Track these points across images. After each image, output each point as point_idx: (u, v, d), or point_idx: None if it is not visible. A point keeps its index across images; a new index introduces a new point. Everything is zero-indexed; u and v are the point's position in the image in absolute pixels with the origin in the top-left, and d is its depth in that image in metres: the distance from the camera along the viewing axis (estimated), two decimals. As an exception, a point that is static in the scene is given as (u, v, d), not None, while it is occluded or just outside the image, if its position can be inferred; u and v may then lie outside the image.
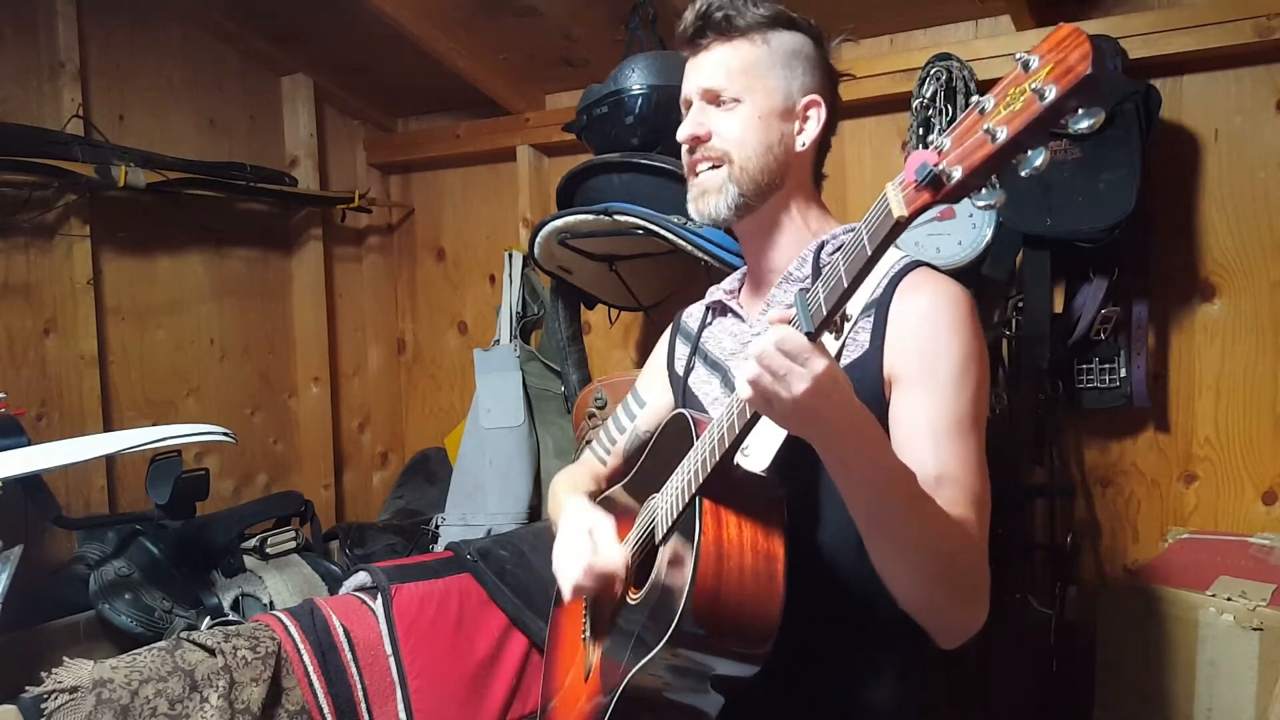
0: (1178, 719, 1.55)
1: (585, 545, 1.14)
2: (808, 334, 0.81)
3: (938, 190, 0.71)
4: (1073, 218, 1.73)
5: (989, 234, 1.82)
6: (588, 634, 1.23)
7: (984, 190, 0.71)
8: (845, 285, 0.79)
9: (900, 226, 0.74)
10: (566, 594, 1.13)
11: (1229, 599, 1.50)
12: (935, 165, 0.71)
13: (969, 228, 1.84)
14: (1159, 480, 1.99)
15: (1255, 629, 1.46)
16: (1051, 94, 0.64)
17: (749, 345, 0.85)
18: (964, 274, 1.83)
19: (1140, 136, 1.70)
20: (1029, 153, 0.67)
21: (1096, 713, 1.66)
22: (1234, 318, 1.90)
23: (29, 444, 1.71)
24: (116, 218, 2.31)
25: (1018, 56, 0.67)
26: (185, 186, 2.34)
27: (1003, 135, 0.67)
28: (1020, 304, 1.89)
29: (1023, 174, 0.68)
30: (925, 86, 1.93)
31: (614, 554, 1.13)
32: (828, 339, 0.84)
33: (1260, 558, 1.69)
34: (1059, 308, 1.89)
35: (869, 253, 0.77)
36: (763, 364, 0.81)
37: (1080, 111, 0.64)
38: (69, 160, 2.09)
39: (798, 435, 0.88)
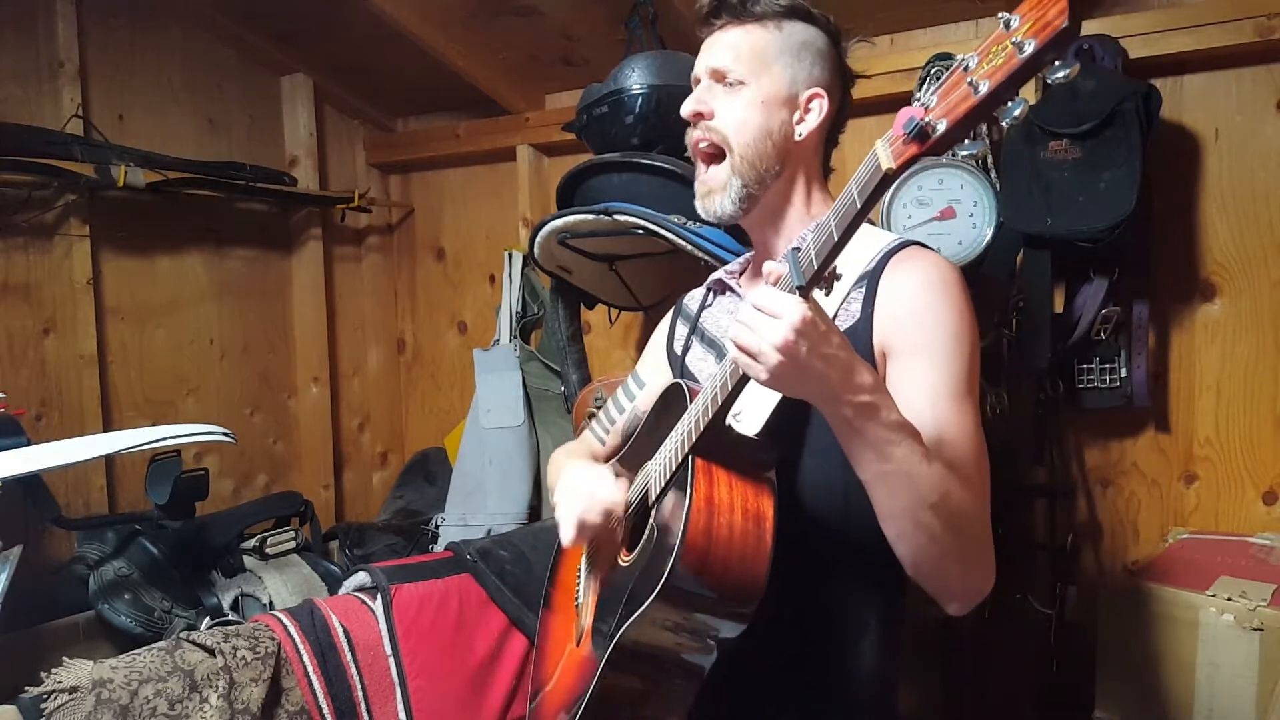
0: (1178, 719, 1.55)
1: (586, 483, 1.16)
2: (799, 288, 0.83)
3: (924, 142, 0.75)
4: (1073, 218, 1.73)
5: (989, 234, 1.81)
6: (580, 599, 1.24)
7: (967, 141, 0.75)
8: (835, 239, 0.81)
9: (889, 179, 0.77)
10: (569, 532, 1.14)
11: (1229, 599, 1.50)
12: (921, 119, 0.74)
13: (969, 228, 1.83)
14: (1159, 480, 1.99)
15: (1255, 629, 1.46)
16: (1030, 47, 0.68)
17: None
18: (964, 274, 1.83)
19: (1140, 136, 1.70)
20: (1009, 104, 0.72)
21: (1097, 713, 1.66)
22: (1234, 317, 1.90)
23: (29, 444, 1.71)
24: (116, 217, 2.31)
25: (1001, 16, 0.71)
26: (185, 186, 2.34)
27: (985, 88, 0.71)
28: (1020, 304, 1.89)
29: (1004, 124, 0.74)
30: (925, 86, 1.92)
31: (615, 491, 1.14)
32: (821, 299, 0.85)
33: (1261, 558, 1.69)
34: (1059, 308, 1.89)
35: (859, 205, 0.79)
36: (743, 321, 0.84)
37: (1056, 63, 0.70)
38: (69, 160, 2.09)
39: (791, 395, 0.88)
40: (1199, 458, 1.95)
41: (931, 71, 1.92)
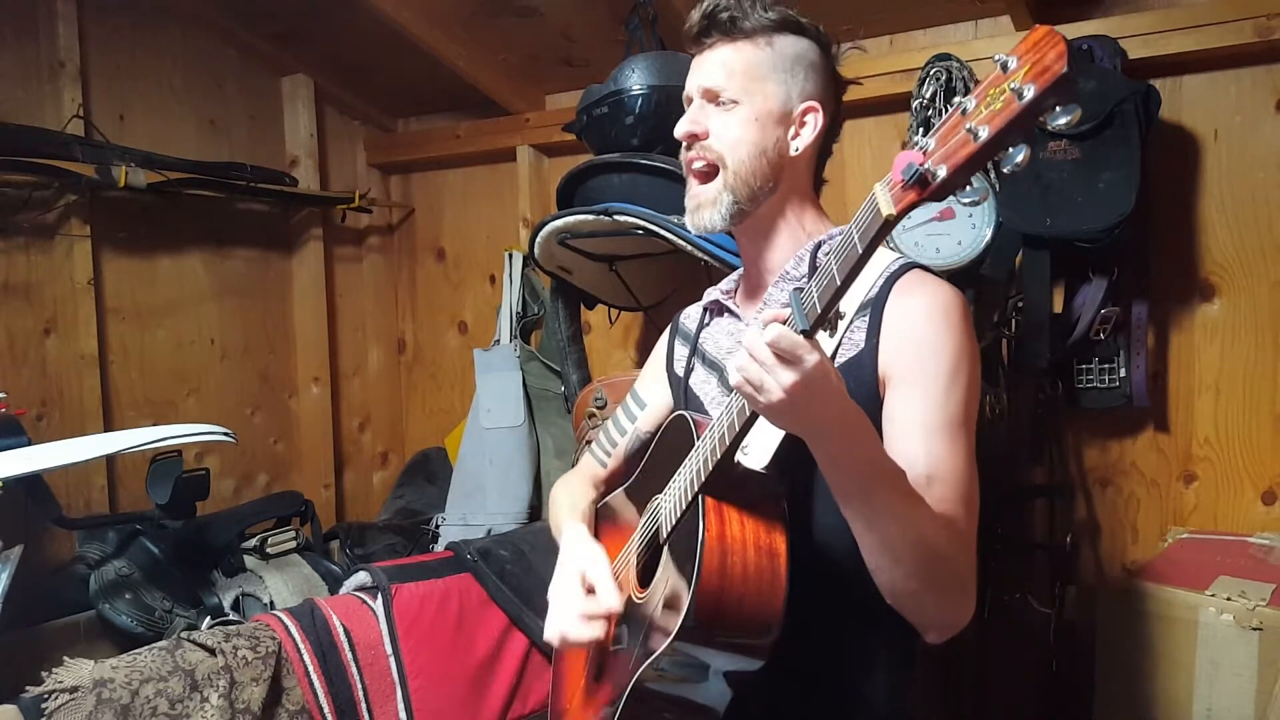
0: (1177, 719, 1.55)
1: (577, 590, 1.13)
2: (803, 331, 0.82)
3: (924, 188, 0.74)
4: (1072, 218, 1.73)
5: (989, 234, 1.82)
6: None
7: (968, 187, 0.74)
8: (838, 283, 0.81)
9: (889, 225, 0.76)
10: (555, 643, 1.12)
11: (1228, 599, 1.50)
12: (921, 165, 0.73)
13: (969, 228, 1.84)
14: (1158, 480, 1.99)
15: (1255, 629, 1.46)
16: (1030, 93, 0.66)
17: (742, 340, 0.87)
18: (964, 274, 1.83)
19: (1140, 137, 1.70)
20: (1010, 150, 0.70)
21: (1096, 712, 1.66)
22: (1233, 317, 1.90)
23: (29, 444, 1.71)
24: (117, 218, 2.31)
25: (996, 58, 0.69)
26: (185, 186, 2.34)
27: (984, 134, 0.69)
28: (1020, 304, 1.89)
29: (1005, 170, 0.70)
30: (925, 87, 1.93)
31: (607, 598, 1.10)
32: (823, 337, 0.86)
33: (1260, 557, 1.69)
34: (1059, 308, 1.89)
35: (860, 251, 0.78)
36: (755, 359, 0.84)
37: (1058, 109, 0.67)
38: (69, 160, 2.10)
39: (789, 431, 0.90)
40: (1198, 458, 1.95)
41: (931, 72, 1.93)
